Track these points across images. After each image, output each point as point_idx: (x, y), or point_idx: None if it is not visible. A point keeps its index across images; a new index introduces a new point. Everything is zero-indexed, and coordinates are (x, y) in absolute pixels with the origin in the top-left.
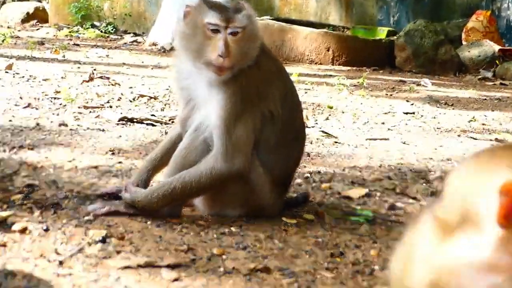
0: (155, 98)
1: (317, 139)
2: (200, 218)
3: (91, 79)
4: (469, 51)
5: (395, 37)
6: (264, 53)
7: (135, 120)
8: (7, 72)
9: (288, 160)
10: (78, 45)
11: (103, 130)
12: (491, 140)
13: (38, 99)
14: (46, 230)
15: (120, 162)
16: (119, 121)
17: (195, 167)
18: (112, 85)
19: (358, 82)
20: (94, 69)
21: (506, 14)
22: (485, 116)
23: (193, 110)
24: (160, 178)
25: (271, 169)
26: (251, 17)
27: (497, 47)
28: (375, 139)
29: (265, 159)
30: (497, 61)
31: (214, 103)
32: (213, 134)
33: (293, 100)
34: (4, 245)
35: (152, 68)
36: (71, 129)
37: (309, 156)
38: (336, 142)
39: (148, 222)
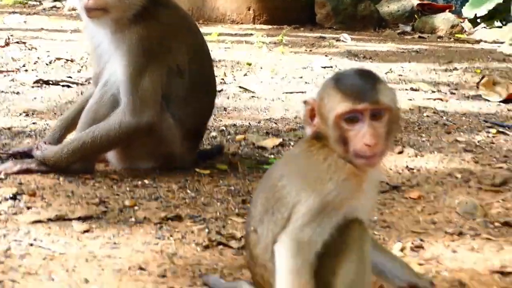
0: (72, 60)
1: (234, 94)
2: (114, 172)
3: (7, 44)
4: (388, 6)
5: None
6: (168, 8)
7: (51, 82)
8: None
9: (199, 112)
10: None
11: (17, 93)
12: (406, 89)
13: None
14: None
15: (34, 123)
16: (34, 83)
17: (104, 121)
18: (29, 49)
19: (278, 40)
20: (11, 35)
21: None
22: (402, 67)
23: (104, 67)
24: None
25: (182, 121)
26: None
27: (415, 2)
28: (291, 93)
29: (175, 112)
30: (415, 16)
31: (118, 58)
32: (120, 88)
33: (203, 55)
34: None
35: (71, 32)
36: None
37: (225, 110)
38: (253, 96)
39: (61, 178)
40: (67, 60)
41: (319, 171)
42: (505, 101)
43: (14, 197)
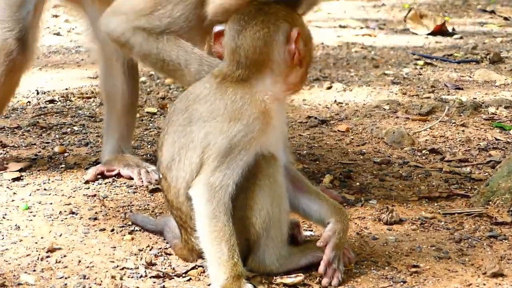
0: None
1: None
2: (43, 120)
3: None
4: None
5: None
6: None
7: None
8: None
9: None
10: None
11: None
12: (335, 27)
13: None
14: None
15: None
16: None
17: None
18: None
19: None
20: None
21: None
22: (330, 5)
23: None
24: None
25: None
26: None
27: None
28: None
29: None
30: None
31: None
32: None
33: None
34: None
35: None
36: None
37: None
38: None
39: None
40: None
41: (231, 110)
42: (433, 33)
43: None
